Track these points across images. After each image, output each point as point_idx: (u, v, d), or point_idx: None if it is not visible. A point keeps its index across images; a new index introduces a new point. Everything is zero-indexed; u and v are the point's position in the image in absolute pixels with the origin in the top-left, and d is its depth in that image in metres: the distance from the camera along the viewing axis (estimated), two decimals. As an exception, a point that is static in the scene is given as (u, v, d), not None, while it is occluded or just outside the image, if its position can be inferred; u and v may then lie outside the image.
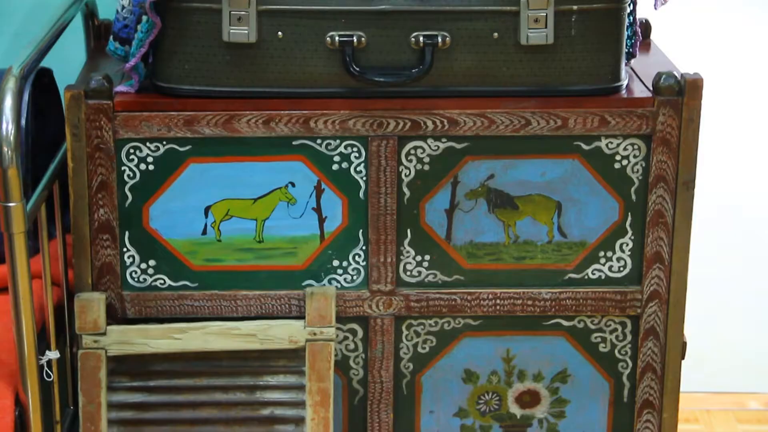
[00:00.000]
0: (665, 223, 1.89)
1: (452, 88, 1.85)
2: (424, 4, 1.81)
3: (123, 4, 1.85)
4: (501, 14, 1.82)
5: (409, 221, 1.90)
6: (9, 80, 1.70)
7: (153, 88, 1.86)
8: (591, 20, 1.83)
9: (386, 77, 1.82)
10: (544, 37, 1.82)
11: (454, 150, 1.87)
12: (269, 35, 1.82)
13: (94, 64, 2.03)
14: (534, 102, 1.85)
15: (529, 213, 1.90)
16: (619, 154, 1.87)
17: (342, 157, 1.87)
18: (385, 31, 1.82)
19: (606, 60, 1.85)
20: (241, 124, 1.84)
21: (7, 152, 1.67)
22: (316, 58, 1.83)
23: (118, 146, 1.84)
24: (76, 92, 1.81)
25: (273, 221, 1.89)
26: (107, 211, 1.86)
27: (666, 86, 1.84)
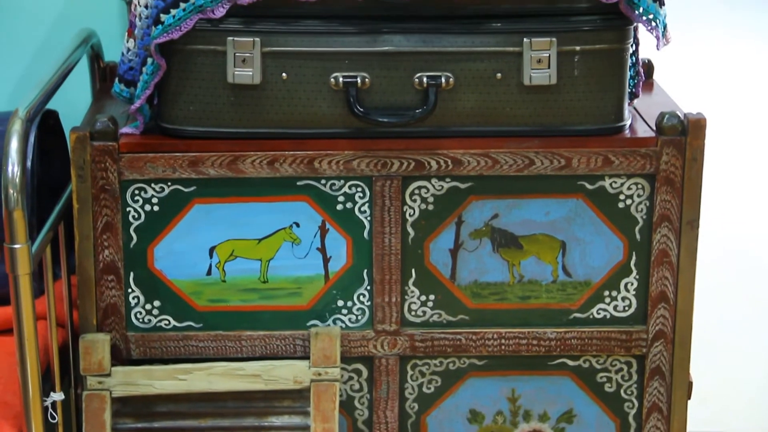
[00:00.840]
0: (670, 262, 1.89)
1: (456, 128, 1.86)
2: (428, 46, 1.82)
3: (128, 47, 1.86)
4: (504, 55, 1.83)
5: (413, 261, 1.90)
6: (15, 123, 1.71)
7: (158, 130, 1.87)
8: (594, 61, 1.84)
9: (390, 118, 1.83)
10: (548, 77, 1.83)
11: (458, 190, 1.87)
12: (274, 76, 1.83)
13: (99, 105, 2.04)
14: (537, 142, 1.86)
15: (534, 252, 1.90)
16: (623, 194, 1.88)
17: (346, 197, 1.87)
18: (389, 71, 1.83)
19: (609, 100, 1.86)
20: (246, 165, 1.84)
21: (12, 194, 1.68)
22: (320, 99, 1.84)
23: (123, 187, 1.84)
24: (81, 134, 1.82)
25: (277, 261, 1.89)
26: (112, 252, 1.86)
27: (669, 126, 1.85)
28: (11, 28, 2.25)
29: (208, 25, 1.80)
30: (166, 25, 1.78)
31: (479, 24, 1.83)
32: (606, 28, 1.83)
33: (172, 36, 1.78)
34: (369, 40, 1.82)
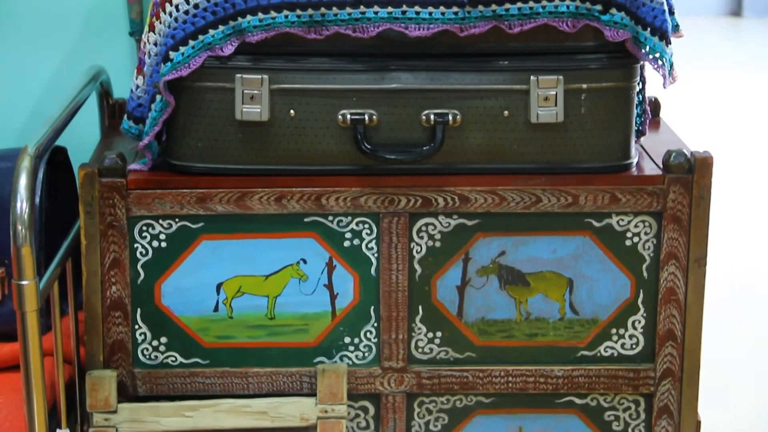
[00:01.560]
0: (677, 300, 1.89)
1: (463, 166, 1.86)
2: (435, 83, 1.83)
3: (137, 84, 1.87)
4: (511, 93, 1.84)
5: (420, 298, 1.90)
6: (24, 159, 1.72)
7: (166, 166, 1.88)
8: (601, 99, 1.84)
9: (397, 155, 1.83)
10: (554, 115, 1.84)
11: (466, 227, 1.87)
12: (281, 114, 1.83)
13: (108, 142, 2.05)
14: (544, 179, 1.86)
15: (541, 290, 1.90)
16: (630, 231, 1.88)
17: (353, 233, 1.87)
18: (396, 109, 1.84)
19: (616, 138, 1.86)
20: (253, 202, 1.85)
21: (21, 231, 1.68)
22: (327, 136, 1.84)
23: (131, 224, 1.85)
24: (90, 170, 1.82)
25: (284, 298, 1.89)
26: (119, 289, 1.86)
27: (676, 164, 1.85)
28: (21, 64, 2.26)
29: (216, 62, 1.81)
30: (175, 62, 1.79)
31: (486, 62, 1.83)
32: (613, 66, 1.84)
33: (180, 73, 1.79)
34: (376, 78, 1.83)
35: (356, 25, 1.80)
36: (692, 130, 2.32)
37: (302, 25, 1.79)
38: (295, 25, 1.79)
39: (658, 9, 1.80)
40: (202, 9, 1.78)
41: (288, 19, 1.79)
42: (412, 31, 1.80)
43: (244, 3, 1.78)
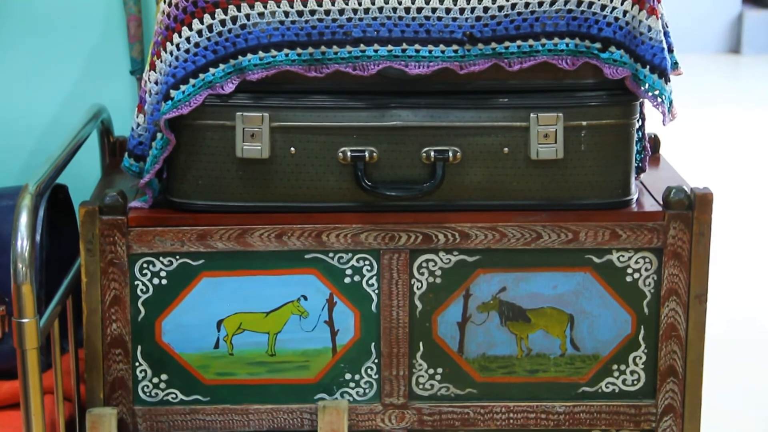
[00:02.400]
0: (678, 336, 1.89)
1: (463, 202, 1.87)
2: (435, 120, 1.84)
3: (138, 122, 1.87)
4: (511, 129, 1.84)
5: (421, 334, 1.90)
6: (25, 197, 1.72)
7: (166, 204, 1.88)
8: (600, 135, 1.85)
9: (398, 191, 1.84)
10: (554, 152, 1.84)
11: (466, 263, 1.88)
12: (282, 151, 1.84)
13: (109, 180, 2.06)
14: (545, 216, 1.86)
15: (542, 326, 1.90)
16: (631, 267, 1.88)
17: (354, 270, 1.87)
18: (396, 146, 1.84)
19: (616, 174, 1.87)
20: (254, 239, 1.85)
21: (21, 269, 1.68)
22: (328, 173, 1.85)
23: (132, 261, 1.85)
24: (90, 208, 1.83)
25: (285, 334, 1.89)
26: (120, 326, 1.86)
27: (676, 200, 1.86)
28: (22, 102, 2.27)
29: (217, 100, 1.82)
30: (176, 100, 1.79)
31: (486, 99, 1.84)
32: (612, 103, 1.84)
33: (181, 111, 1.80)
34: (377, 115, 1.84)
35: (356, 63, 1.80)
36: (692, 166, 2.33)
37: (302, 64, 1.80)
38: (295, 64, 1.80)
39: (657, 47, 1.81)
40: (203, 48, 1.79)
41: (288, 58, 1.80)
42: (412, 69, 1.81)
43: (245, 42, 1.79)
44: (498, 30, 1.80)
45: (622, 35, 1.81)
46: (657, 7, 1.82)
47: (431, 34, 1.80)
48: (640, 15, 1.80)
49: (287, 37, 1.79)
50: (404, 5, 1.79)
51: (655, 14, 1.81)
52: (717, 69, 5.67)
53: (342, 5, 1.78)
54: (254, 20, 1.79)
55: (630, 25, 1.81)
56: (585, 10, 1.80)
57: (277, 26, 1.79)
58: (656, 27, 1.81)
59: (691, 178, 2.07)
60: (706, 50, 6.22)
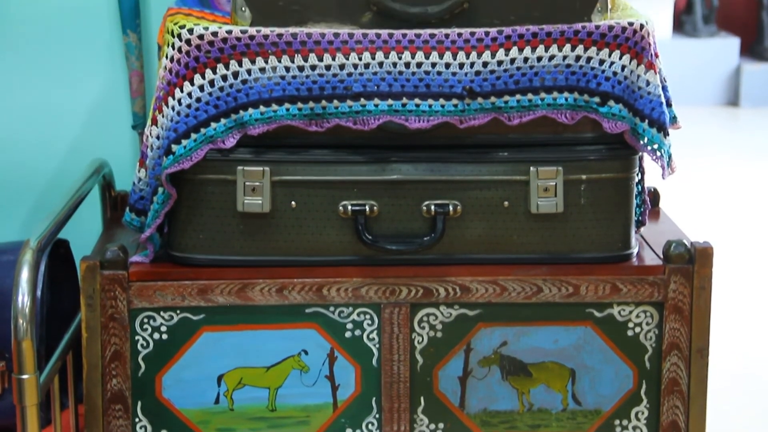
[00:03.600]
0: (680, 391, 1.88)
1: (464, 256, 1.87)
2: (435, 174, 1.84)
3: (140, 177, 1.88)
4: (511, 183, 1.85)
5: (422, 389, 1.89)
6: (26, 253, 1.72)
7: (167, 258, 1.88)
8: (600, 189, 1.85)
9: (398, 245, 1.84)
10: (554, 205, 1.85)
11: (467, 317, 1.87)
12: (283, 205, 1.84)
13: (110, 234, 2.06)
14: (545, 269, 1.86)
15: (543, 380, 1.89)
16: (632, 322, 1.88)
17: (355, 324, 1.87)
18: (397, 200, 1.85)
19: (616, 228, 1.87)
20: (255, 293, 1.85)
21: (22, 324, 1.68)
22: (329, 227, 1.85)
23: (132, 316, 1.85)
24: (91, 263, 1.83)
25: (286, 389, 1.88)
26: (120, 381, 1.86)
27: (676, 254, 1.86)
28: (24, 157, 2.28)
29: (218, 154, 1.82)
30: (177, 155, 1.80)
31: (486, 153, 1.85)
32: (612, 157, 1.85)
33: (183, 166, 1.81)
34: (377, 169, 1.84)
35: (357, 117, 1.81)
36: (692, 219, 2.33)
37: (303, 118, 1.81)
38: (296, 118, 1.81)
39: (655, 101, 1.82)
40: (204, 102, 1.80)
41: (289, 112, 1.81)
42: (412, 123, 1.82)
43: (246, 96, 1.80)
44: (497, 84, 1.81)
45: (620, 89, 1.82)
46: (655, 61, 1.83)
47: (431, 88, 1.81)
48: (638, 69, 1.82)
49: (288, 92, 1.80)
50: (404, 60, 1.80)
51: (653, 69, 1.82)
52: (715, 122, 5.68)
53: (342, 60, 1.80)
54: (255, 75, 1.80)
55: (628, 80, 1.82)
56: (583, 65, 1.81)
57: (278, 81, 1.80)
58: (654, 81, 1.82)
59: (691, 232, 2.07)
60: (704, 103, 6.24)
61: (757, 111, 5.95)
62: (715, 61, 6.42)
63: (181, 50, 1.79)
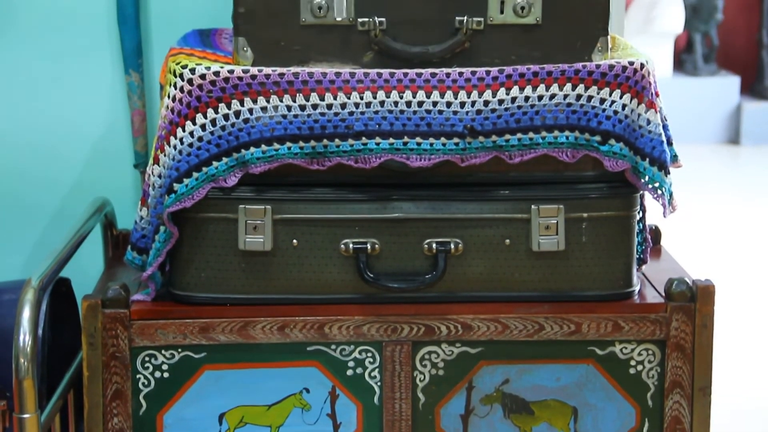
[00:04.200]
0: (683, 429, 1.88)
1: (465, 294, 1.87)
2: (437, 212, 1.85)
3: (141, 215, 1.88)
4: (512, 221, 1.85)
5: (424, 427, 1.88)
6: (28, 292, 1.72)
7: (169, 296, 1.88)
8: (601, 227, 1.86)
9: (400, 283, 1.84)
10: (556, 243, 1.85)
11: (469, 355, 1.87)
12: (284, 243, 1.85)
13: (111, 273, 2.06)
14: (547, 307, 1.86)
15: (545, 418, 1.89)
16: (634, 360, 1.87)
17: (356, 362, 1.87)
18: (398, 238, 1.85)
19: (617, 266, 1.87)
20: (256, 331, 1.85)
21: (23, 364, 1.68)
22: (330, 265, 1.85)
23: (134, 354, 1.84)
24: (93, 302, 1.83)
25: (287, 428, 1.87)
26: (121, 420, 1.85)
27: (678, 292, 1.86)
28: (26, 196, 2.28)
29: (220, 193, 1.83)
30: (179, 194, 1.80)
31: (487, 191, 1.85)
32: (613, 195, 1.85)
33: (184, 204, 1.81)
34: (378, 207, 1.85)
35: (358, 156, 1.82)
36: (693, 257, 2.33)
37: (305, 157, 1.82)
38: (297, 157, 1.82)
39: (656, 140, 1.83)
40: (206, 142, 1.81)
41: (291, 151, 1.81)
42: (413, 162, 1.82)
43: (248, 135, 1.80)
44: (498, 123, 1.81)
45: (621, 128, 1.82)
46: (655, 100, 1.84)
47: (432, 127, 1.81)
48: (639, 108, 1.82)
49: (290, 131, 1.81)
50: (405, 99, 1.81)
51: (653, 108, 1.83)
52: (717, 159, 5.70)
53: (344, 99, 1.80)
54: (257, 114, 1.80)
55: (629, 119, 1.82)
56: (584, 104, 1.82)
57: (279, 120, 1.81)
58: (655, 120, 1.83)
59: (693, 270, 2.07)
60: (705, 141, 6.26)
61: (758, 149, 5.97)
62: (715, 99, 6.44)
63: (183, 90, 1.80)
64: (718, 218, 2.43)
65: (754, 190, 3.59)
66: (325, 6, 1.82)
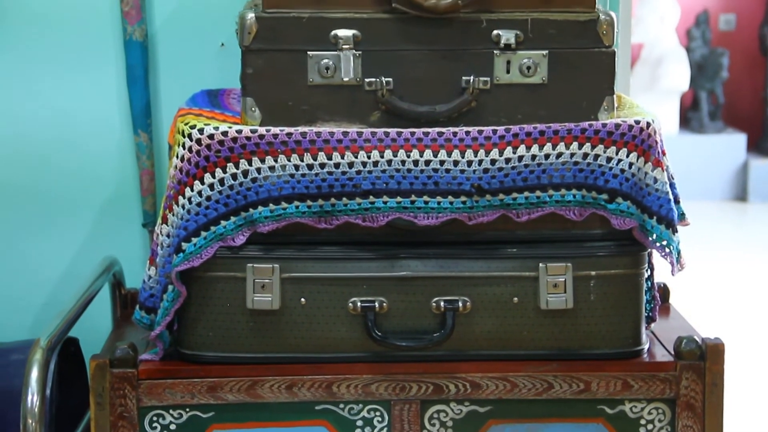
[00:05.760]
0: (694, 488, 1.86)
1: (474, 352, 1.86)
2: (444, 271, 1.85)
3: (150, 274, 1.89)
4: (520, 279, 1.85)
5: (433, 487, 1.87)
6: (36, 352, 1.72)
7: (177, 356, 1.88)
8: (610, 285, 1.86)
9: (408, 342, 1.84)
10: (564, 301, 1.84)
11: (478, 414, 1.86)
12: (292, 302, 1.85)
13: (120, 332, 2.06)
14: (556, 365, 1.86)
15: (555, 478, 1.88)
16: (644, 419, 1.86)
17: (365, 421, 1.86)
18: (406, 296, 1.85)
19: (626, 324, 1.87)
20: (264, 390, 1.84)
21: (31, 424, 1.68)
22: (338, 324, 1.85)
23: (142, 414, 1.84)
24: (101, 361, 1.82)
25: (296, 487, 1.87)
26: (128, 481, 1.84)
27: (687, 351, 1.85)
28: (35, 255, 2.29)
29: (228, 252, 1.83)
30: (187, 253, 1.81)
31: (495, 249, 1.85)
32: (621, 253, 1.85)
33: (193, 264, 1.81)
34: (386, 266, 1.85)
35: (366, 214, 1.82)
36: (702, 315, 2.32)
37: (313, 216, 1.82)
38: (305, 216, 1.82)
39: (663, 198, 1.83)
40: (215, 201, 1.81)
41: (299, 210, 1.82)
42: (421, 220, 1.82)
43: (256, 195, 1.81)
44: (506, 182, 1.82)
45: (628, 187, 1.83)
46: (662, 159, 1.84)
47: (440, 185, 1.82)
48: (645, 167, 1.83)
49: (298, 190, 1.81)
50: (413, 158, 1.82)
51: (660, 166, 1.83)
52: (724, 216, 5.70)
53: (351, 158, 1.81)
54: (265, 173, 1.81)
55: (636, 177, 1.83)
56: (591, 162, 1.82)
57: (287, 179, 1.81)
58: (662, 179, 1.83)
59: (702, 328, 2.07)
60: (712, 197, 6.26)
61: (765, 206, 5.97)
62: (722, 156, 6.45)
63: (192, 149, 1.81)
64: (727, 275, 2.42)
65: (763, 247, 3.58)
66: (333, 66, 1.83)
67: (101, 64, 2.25)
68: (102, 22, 2.24)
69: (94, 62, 2.25)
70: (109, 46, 2.25)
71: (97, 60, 2.25)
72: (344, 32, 1.83)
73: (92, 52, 2.25)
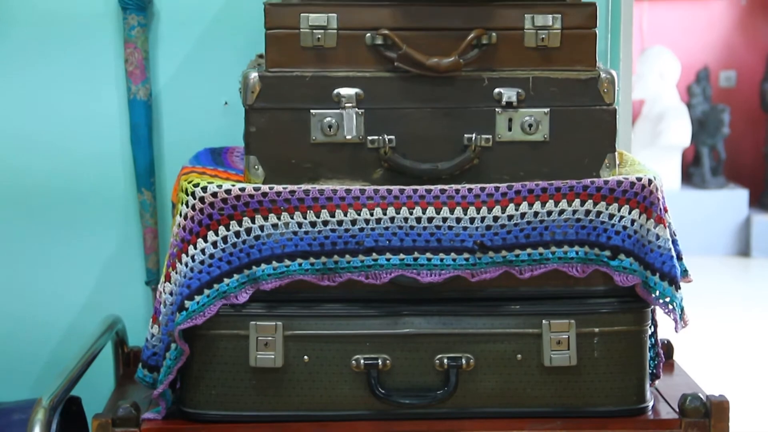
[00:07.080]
0: None
1: (477, 409, 1.86)
2: (447, 327, 1.85)
3: (153, 333, 1.88)
4: (524, 336, 1.85)
5: None
6: (38, 412, 1.72)
7: (179, 414, 1.87)
8: (613, 342, 1.85)
9: (411, 399, 1.83)
10: (568, 358, 1.84)
11: (481, 472, 1.85)
12: (295, 360, 1.84)
13: (122, 391, 2.05)
14: (560, 423, 1.85)
15: None
16: (649, 476, 1.85)
17: (368, 480, 1.85)
18: (409, 353, 1.85)
19: (630, 381, 1.86)
20: (267, 449, 1.83)
21: (33, 484, 1.67)
22: (341, 381, 1.84)
23: (144, 473, 1.83)
24: (103, 421, 1.81)
25: None
26: None
27: (692, 408, 1.84)
28: (37, 313, 2.28)
29: (231, 310, 1.83)
30: (191, 311, 1.81)
31: (498, 306, 1.85)
32: (624, 310, 1.85)
33: (195, 322, 1.81)
34: (389, 323, 1.84)
35: (369, 271, 1.83)
36: (707, 371, 2.31)
37: (315, 273, 1.82)
38: (308, 273, 1.82)
39: (666, 255, 1.83)
40: (218, 259, 1.82)
41: (301, 267, 1.82)
42: (424, 277, 1.83)
43: (259, 252, 1.81)
44: (508, 239, 1.82)
45: (630, 243, 1.83)
46: (664, 215, 1.85)
47: (442, 243, 1.82)
48: (647, 224, 1.83)
49: (300, 247, 1.82)
50: (415, 215, 1.82)
51: (662, 223, 1.84)
52: (727, 272, 5.69)
53: (354, 216, 1.82)
54: (268, 231, 1.82)
55: (638, 234, 1.83)
56: (593, 219, 1.83)
57: (290, 237, 1.82)
58: (664, 235, 1.84)
59: (707, 385, 2.06)
60: (715, 253, 6.26)
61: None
62: (724, 212, 6.46)
63: (195, 208, 1.82)
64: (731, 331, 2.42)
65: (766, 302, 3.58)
66: (335, 125, 1.84)
67: (105, 123, 2.26)
68: (106, 81, 2.25)
69: (97, 121, 2.26)
70: (114, 105, 2.26)
71: (100, 118, 2.26)
72: (347, 91, 1.84)
73: (96, 111, 2.26)
